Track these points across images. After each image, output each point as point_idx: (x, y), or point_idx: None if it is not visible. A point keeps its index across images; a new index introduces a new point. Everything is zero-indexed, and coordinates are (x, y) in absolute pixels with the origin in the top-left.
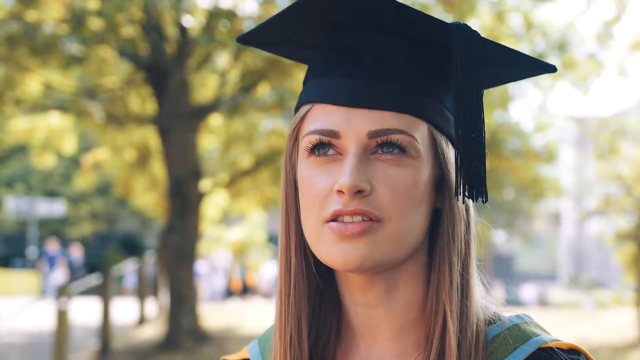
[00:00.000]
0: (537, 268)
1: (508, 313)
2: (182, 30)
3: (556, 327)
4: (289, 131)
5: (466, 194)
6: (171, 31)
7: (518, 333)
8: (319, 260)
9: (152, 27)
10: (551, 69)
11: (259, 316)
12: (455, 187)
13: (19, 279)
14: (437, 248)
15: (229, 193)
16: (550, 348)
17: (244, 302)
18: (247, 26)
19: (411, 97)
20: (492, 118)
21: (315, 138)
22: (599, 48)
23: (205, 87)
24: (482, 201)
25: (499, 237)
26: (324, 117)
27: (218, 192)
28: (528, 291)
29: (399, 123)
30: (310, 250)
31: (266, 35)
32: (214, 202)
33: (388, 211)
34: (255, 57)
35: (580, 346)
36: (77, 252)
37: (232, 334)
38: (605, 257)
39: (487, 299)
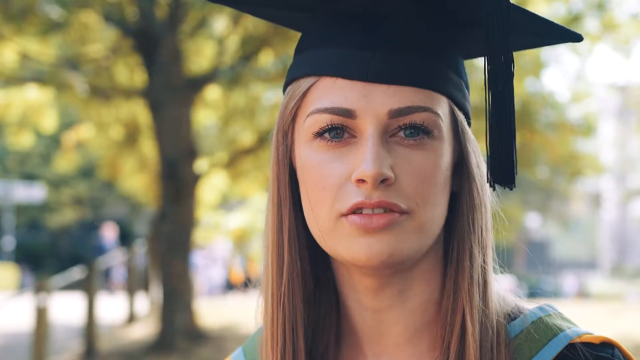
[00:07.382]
0: (575, 255)
1: (527, 304)
2: None
3: (596, 321)
4: (284, 108)
5: (495, 179)
6: None
7: (544, 327)
8: (313, 257)
9: None
10: (577, 37)
11: None
12: (487, 172)
13: None
14: (455, 238)
15: (228, 174)
16: (581, 343)
17: (245, 297)
18: None
19: (433, 70)
20: (523, 87)
21: (325, 118)
22: None
23: (200, 55)
24: (510, 188)
25: (532, 221)
26: (335, 93)
27: (216, 174)
28: (567, 281)
29: (421, 99)
30: (305, 247)
31: None
32: (212, 185)
33: (414, 201)
34: (258, 21)
35: (624, 343)
36: (110, 233)
37: (232, 333)
38: None
39: (503, 290)
